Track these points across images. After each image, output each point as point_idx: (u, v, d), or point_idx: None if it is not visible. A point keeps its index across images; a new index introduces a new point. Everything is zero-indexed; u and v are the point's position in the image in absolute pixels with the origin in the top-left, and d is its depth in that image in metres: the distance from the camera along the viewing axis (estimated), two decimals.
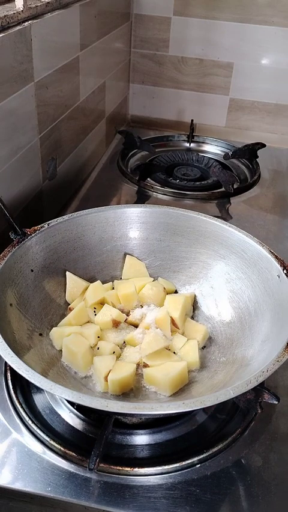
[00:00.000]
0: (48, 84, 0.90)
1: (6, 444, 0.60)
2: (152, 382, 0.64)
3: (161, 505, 0.54)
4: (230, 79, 1.39)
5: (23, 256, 0.70)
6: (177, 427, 0.63)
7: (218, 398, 0.51)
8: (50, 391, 0.51)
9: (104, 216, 0.79)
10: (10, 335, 0.60)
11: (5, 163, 0.80)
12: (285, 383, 0.69)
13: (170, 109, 1.47)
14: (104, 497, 0.55)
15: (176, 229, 0.80)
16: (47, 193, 0.99)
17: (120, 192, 1.15)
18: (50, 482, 0.56)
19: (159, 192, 1.13)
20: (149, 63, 1.42)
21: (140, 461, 0.59)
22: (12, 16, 0.76)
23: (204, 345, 0.72)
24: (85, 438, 0.61)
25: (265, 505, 0.55)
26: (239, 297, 0.73)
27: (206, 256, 0.78)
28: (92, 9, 1.06)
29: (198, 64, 1.39)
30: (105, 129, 1.32)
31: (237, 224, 0.77)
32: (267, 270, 0.70)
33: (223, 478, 0.57)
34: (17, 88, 0.79)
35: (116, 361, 0.65)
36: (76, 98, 1.06)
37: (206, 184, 1.17)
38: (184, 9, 1.32)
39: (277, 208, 1.11)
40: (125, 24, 1.32)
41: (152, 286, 0.76)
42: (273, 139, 1.42)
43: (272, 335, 0.63)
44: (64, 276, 0.76)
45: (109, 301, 0.74)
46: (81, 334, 0.69)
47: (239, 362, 0.65)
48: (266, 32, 1.30)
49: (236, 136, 1.45)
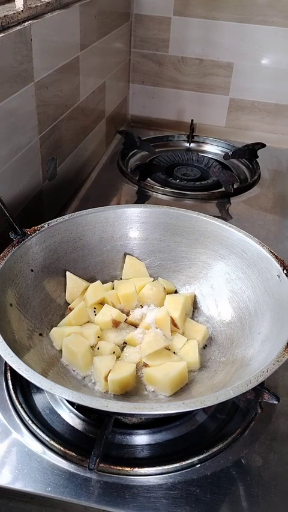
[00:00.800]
0: (48, 84, 0.90)
1: (6, 444, 0.60)
2: (152, 382, 0.64)
3: (161, 505, 0.54)
4: (230, 79, 1.39)
5: (23, 256, 0.70)
6: (177, 427, 0.63)
7: (218, 398, 0.51)
8: (50, 391, 0.51)
9: (104, 216, 0.79)
10: (10, 335, 0.60)
11: (5, 163, 0.80)
12: (285, 383, 0.69)
13: (170, 109, 1.47)
14: (104, 497, 0.55)
15: (176, 229, 0.80)
16: (47, 193, 0.99)
17: (120, 192, 1.15)
18: (50, 482, 0.56)
19: (159, 192, 1.13)
20: (149, 63, 1.42)
21: (140, 461, 0.59)
22: (12, 16, 0.76)
23: (204, 345, 0.72)
24: (85, 438, 0.61)
25: (265, 505, 0.55)
26: (239, 297, 0.73)
27: (206, 256, 0.78)
28: (92, 9, 1.06)
29: (198, 64, 1.39)
30: (105, 129, 1.32)
31: (237, 224, 0.77)
32: (267, 270, 0.70)
33: (223, 478, 0.57)
34: (17, 88, 0.79)
35: (116, 361, 0.65)
36: (76, 98, 1.06)
37: (206, 184, 1.17)
38: (184, 9, 1.32)
39: (277, 208, 1.11)
40: (125, 24, 1.32)
41: (152, 286, 0.76)
42: (273, 139, 1.42)
43: (272, 335, 0.63)
44: (64, 276, 0.76)
45: (109, 301, 0.74)
46: (81, 334, 0.69)
47: (239, 362, 0.65)
48: (266, 32, 1.30)
49: (236, 136, 1.45)
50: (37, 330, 0.68)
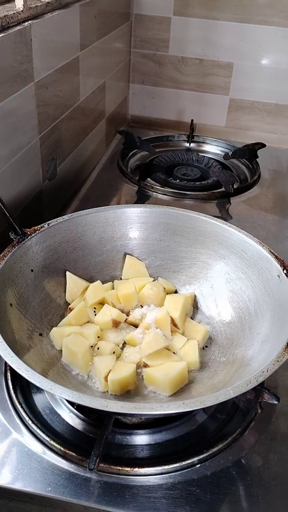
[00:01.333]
0: (48, 84, 0.90)
1: (6, 444, 0.60)
2: (152, 382, 0.64)
3: (161, 505, 0.54)
4: (230, 79, 1.39)
5: (23, 256, 0.70)
6: (177, 427, 0.63)
7: (218, 398, 0.51)
8: (50, 391, 0.51)
9: (104, 216, 0.79)
10: (10, 335, 0.60)
11: (5, 163, 0.80)
12: (285, 383, 0.69)
13: (170, 109, 1.47)
14: (104, 497, 0.55)
15: (176, 229, 0.80)
16: (47, 193, 0.99)
17: (120, 192, 1.15)
18: (50, 482, 0.56)
19: (159, 192, 1.13)
20: (149, 63, 1.42)
21: (140, 461, 0.59)
22: (12, 16, 0.76)
23: (204, 345, 0.72)
24: (85, 438, 0.61)
25: (265, 505, 0.55)
26: (239, 297, 0.73)
27: (206, 256, 0.78)
28: (92, 9, 1.06)
29: (198, 64, 1.39)
30: (105, 129, 1.32)
31: (237, 224, 0.77)
32: (267, 270, 0.70)
33: (223, 478, 0.57)
34: (17, 88, 0.79)
35: (116, 361, 0.66)
36: (76, 98, 1.06)
37: (206, 184, 1.17)
38: (184, 9, 1.32)
39: (277, 208, 1.11)
40: (125, 24, 1.32)
41: (152, 286, 0.76)
42: (273, 139, 1.42)
43: (272, 335, 0.63)
44: (64, 276, 0.76)
45: (109, 301, 0.74)
46: (81, 334, 0.69)
47: (239, 362, 0.65)
48: (266, 32, 1.30)
49: (236, 136, 1.45)
50: (37, 330, 0.68)
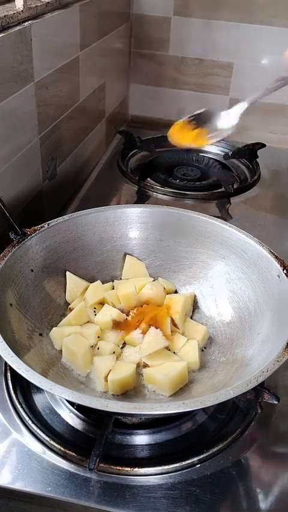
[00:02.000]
0: (48, 84, 0.90)
1: (6, 444, 0.60)
2: (152, 382, 0.64)
3: (161, 505, 0.54)
4: (230, 79, 1.39)
5: (23, 256, 0.70)
6: (177, 427, 0.63)
7: (218, 398, 0.51)
8: (50, 391, 0.51)
9: (104, 216, 0.79)
10: (10, 335, 0.60)
11: (5, 163, 0.80)
12: (285, 383, 0.69)
13: (170, 109, 1.47)
14: (104, 497, 0.55)
15: (176, 229, 0.80)
16: (47, 193, 0.99)
17: (120, 192, 1.15)
18: (50, 482, 0.56)
19: (159, 192, 1.13)
20: (149, 63, 1.42)
21: (140, 461, 0.59)
22: (12, 16, 0.76)
23: (204, 346, 0.72)
24: (85, 438, 0.61)
25: (265, 505, 0.55)
26: (239, 297, 0.73)
27: (206, 256, 0.78)
28: (91, 9, 1.06)
29: (198, 64, 1.39)
30: (105, 129, 1.32)
31: (237, 224, 0.77)
32: (267, 270, 0.70)
33: (223, 478, 0.57)
34: (17, 88, 0.79)
35: (116, 361, 0.66)
36: (76, 98, 1.06)
37: (206, 184, 1.17)
38: (184, 9, 1.32)
39: (277, 208, 1.11)
40: (124, 24, 1.32)
41: (152, 286, 0.76)
42: (273, 139, 1.41)
43: (272, 335, 0.63)
44: (64, 276, 0.76)
45: (109, 301, 0.74)
46: (81, 334, 0.69)
47: (239, 362, 0.65)
48: (266, 32, 1.29)
49: (236, 136, 1.44)
50: (37, 330, 0.68)
